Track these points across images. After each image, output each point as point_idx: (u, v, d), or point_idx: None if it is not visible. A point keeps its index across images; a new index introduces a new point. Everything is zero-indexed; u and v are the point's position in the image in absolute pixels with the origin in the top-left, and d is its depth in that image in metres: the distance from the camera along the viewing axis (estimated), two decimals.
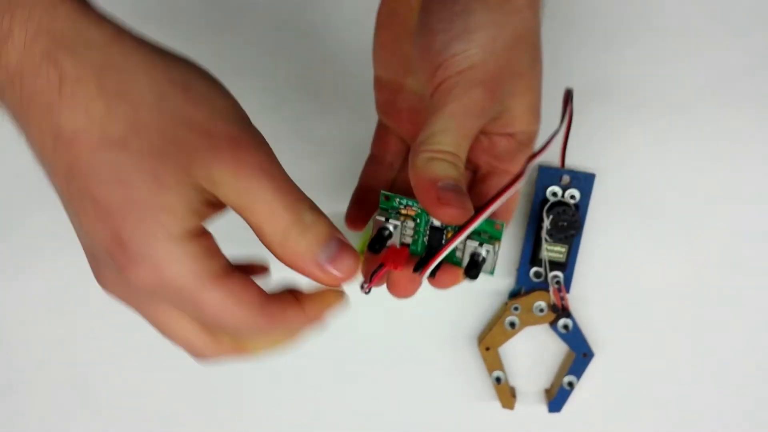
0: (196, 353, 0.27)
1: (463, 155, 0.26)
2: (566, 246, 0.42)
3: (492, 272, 0.28)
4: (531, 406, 0.45)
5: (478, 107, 0.26)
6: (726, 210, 0.43)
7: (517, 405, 0.44)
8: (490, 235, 0.27)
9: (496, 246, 0.27)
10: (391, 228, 0.28)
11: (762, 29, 0.42)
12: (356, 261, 0.25)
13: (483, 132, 0.29)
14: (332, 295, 0.27)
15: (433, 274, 0.27)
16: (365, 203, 0.33)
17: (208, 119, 0.23)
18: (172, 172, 0.22)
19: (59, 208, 0.43)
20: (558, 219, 0.41)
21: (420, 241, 0.28)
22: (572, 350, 0.44)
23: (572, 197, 0.41)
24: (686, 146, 0.43)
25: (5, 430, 0.47)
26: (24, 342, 0.46)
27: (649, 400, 0.45)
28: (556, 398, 0.44)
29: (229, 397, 0.46)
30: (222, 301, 0.24)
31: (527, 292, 0.43)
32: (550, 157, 0.42)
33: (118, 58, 0.23)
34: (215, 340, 0.26)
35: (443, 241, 0.28)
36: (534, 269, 0.42)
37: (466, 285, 0.43)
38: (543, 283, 0.42)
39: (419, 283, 0.29)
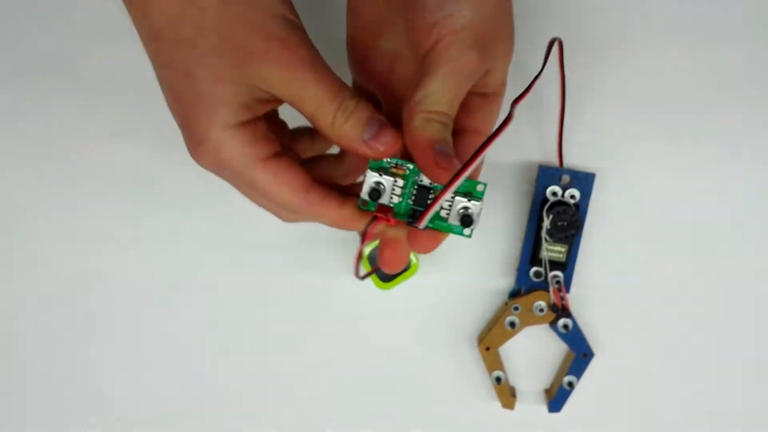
0: (279, 216, 0.31)
1: (454, 114, 0.28)
2: (566, 246, 0.42)
3: (470, 234, 0.29)
4: (531, 406, 0.45)
5: (471, 69, 0.28)
6: (726, 209, 0.43)
7: (517, 405, 0.44)
8: (473, 195, 0.29)
9: (480, 205, 0.29)
10: (384, 183, 0.29)
11: (762, 29, 0.42)
12: (397, 136, 0.28)
13: None
14: (364, 217, 0.30)
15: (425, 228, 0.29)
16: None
17: (263, 23, 0.26)
18: (229, 70, 0.26)
19: (59, 208, 0.44)
20: (558, 219, 0.41)
21: (404, 203, 0.30)
22: (572, 350, 0.44)
23: (572, 197, 0.41)
24: (687, 146, 0.43)
25: (6, 429, 0.47)
26: (24, 342, 0.46)
27: (649, 400, 0.45)
28: (556, 398, 0.44)
29: (229, 397, 0.46)
30: (268, 181, 0.27)
31: (527, 292, 0.43)
32: (549, 156, 0.42)
33: None
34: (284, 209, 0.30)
35: (428, 198, 0.29)
36: (534, 269, 0.42)
37: (465, 286, 0.44)
38: (543, 283, 0.42)
39: (430, 240, 0.31)
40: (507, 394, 0.44)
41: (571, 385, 0.44)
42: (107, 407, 0.46)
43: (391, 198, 0.29)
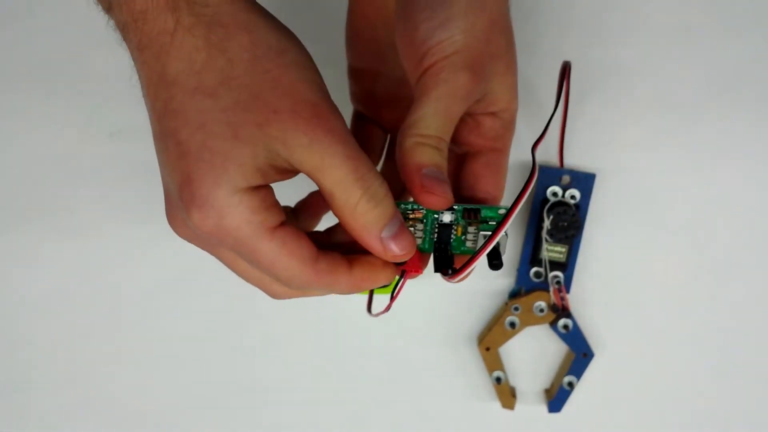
0: (269, 293, 0.29)
1: (448, 138, 0.28)
2: (566, 246, 0.42)
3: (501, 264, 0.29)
4: (531, 406, 0.45)
5: (464, 91, 0.27)
6: (726, 209, 0.43)
7: (517, 405, 0.44)
8: (496, 220, 0.28)
9: (506, 231, 0.28)
10: None
11: (761, 29, 0.42)
12: (413, 244, 0.27)
13: (468, 113, 0.30)
14: (383, 270, 0.28)
15: (454, 271, 0.28)
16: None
17: (294, 85, 0.25)
18: (251, 129, 0.24)
19: (60, 208, 0.44)
20: (558, 219, 0.41)
21: (427, 239, 0.29)
22: (572, 350, 0.44)
23: (572, 197, 0.41)
24: (686, 145, 0.43)
25: (6, 429, 0.47)
26: (24, 341, 0.46)
27: (649, 400, 0.45)
28: (556, 398, 0.44)
29: (229, 397, 0.46)
30: (275, 253, 0.25)
31: (527, 293, 0.43)
32: (550, 156, 0.42)
33: (227, 17, 0.25)
34: (282, 284, 0.28)
35: (452, 237, 0.29)
36: (534, 269, 0.42)
37: (465, 285, 0.44)
38: (543, 283, 0.42)
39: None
40: (507, 395, 0.44)
41: (571, 385, 0.44)
42: (108, 407, 0.46)
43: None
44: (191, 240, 0.28)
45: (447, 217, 0.28)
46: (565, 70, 0.32)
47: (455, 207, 0.28)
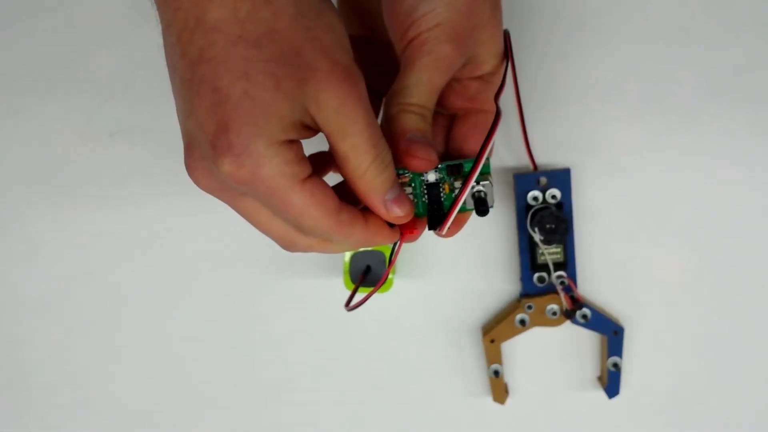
0: (286, 244, 0.30)
1: (431, 105, 0.29)
2: (561, 245, 0.41)
3: (492, 205, 0.30)
4: (524, 402, 0.45)
5: (446, 62, 0.29)
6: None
7: (510, 400, 0.45)
8: (480, 172, 0.29)
9: (490, 179, 0.30)
10: None
11: (760, 30, 0.41)
12: (412, 208, 0.29)
13: (454, 78, 0.31)
14: (391, 229, 0.30)
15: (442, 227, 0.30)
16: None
17: (332, 46, 0.25)
18: (291, 83, 0.24)
19: (60, 208, 0.45)
20: (545, 223, 0.40)
21: (420, 203, 0.31)
22: (602, 333, 0.44)
23: (553, 197, 0.41)
24: (685, 145, 0.42)
25: (6, 429, 0.47)
26: (24, 341, 0.46)
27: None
28: (609, 383, 0.44)
29: (229, 396, 0.46)
30: (305, 202, 0.26)
31: (540, 294, 0.43)
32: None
33: None
34: (303, 234, 0.29)
35: (440, 193, 0.30)
36: (537, 275, 0.42)
37: (471, 284, 0.44)
38: (549, 286, 0.42)
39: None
40: (501, 389, 0.44)
41: (616, 366, 0.44)
42: (108, 406, 0.46)
43: None
44: (213, 190, 0.28)
45: (432, 177, 0.30)
46: (506, 40, 0.32)
47: (439, 166, 0.30)
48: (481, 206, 0.29)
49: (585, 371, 0.45)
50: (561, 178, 0.41)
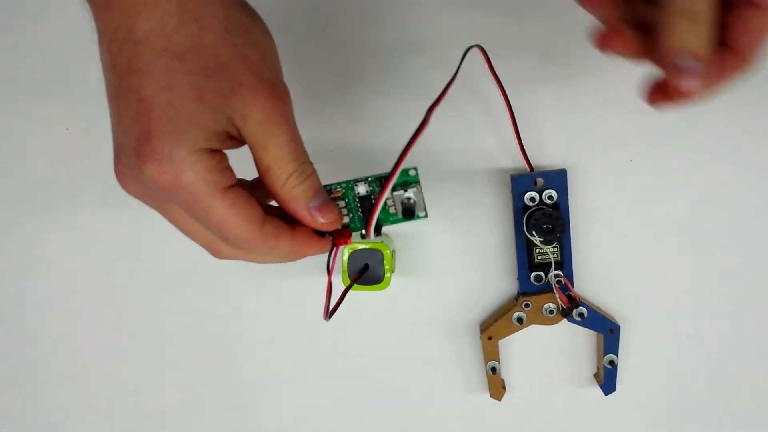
0: (212, 251, 0.31)
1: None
2: (558, 245, 0.42)
3: (425, 214, 0.32)
4: (521, 397, 0.46)
5: None
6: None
7: (506, 396, 0.45)
8: (409, 182, 0.31)
9: (418, 188, 0.31)
10: None
11: None
12: (339, 215, 0.30)
13: None
14: (319, 239, 0.31)
15: (378, 231, 0.32)
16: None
17: (257, 61, 0.27)
18: (214, 96, 0.26)
19: (60, 209, 0.46)
20: (540, 224, 0.41)
21: (355, 217, 0.32)
22: (598, 331, 0.44)
23: (550, 197, 0.41)
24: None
25: (8, 427, 0.47)
26: (26, 340, 0.46)
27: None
28: (606, 380, 0.44)
29: (229, 395, 0.46)
30: (225, 211, 0.27)
31: (537, 293, 0.44)
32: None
33: None
34: (227, 244, 0.29)
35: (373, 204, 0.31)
36: (534, 274, 0.43)
37: (473, 281, 0.45)
38: (547, 286, 0.43)
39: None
40: (498, 385, 0.45)
41: (612, 363, 0.44)
42: (108, 406, 0.47)
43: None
44: (140, 196, 0.29)
45: (363, 189, 0.31)
46: (466, 54, 0.32)
47: (369, 178, 0.32)
48: (407, 213, 0.31)
49: (581, 369, 0.46)
50: (557, 178, 0.41)
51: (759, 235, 0.44)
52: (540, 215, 0.41)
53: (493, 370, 0.44)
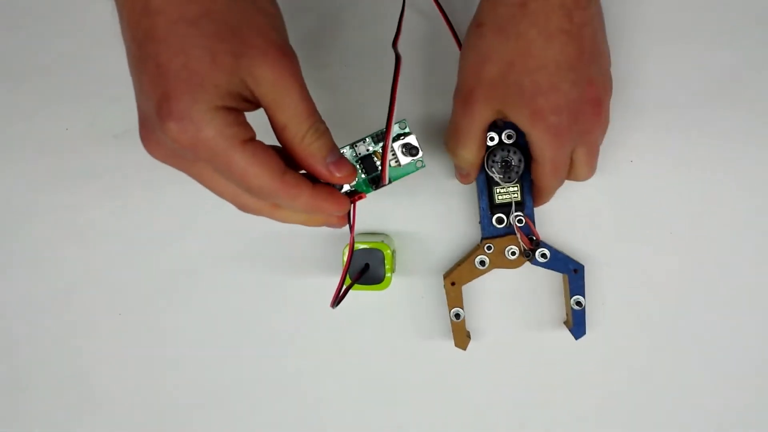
0: (239, 205, 0.32)
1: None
2: (518, 185, 0.42)
3: (423, 164, 0.35)
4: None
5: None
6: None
7: (471, 344, 0.45)
8: (401, 134, 0.34)
9: (412, 135, 0.34)
10: None
11: (759, 30, 0.42)
12: (354, 170, 0.31)
13: None
14: (340, 195, 0.32)
15: (389, 181, 0.34)
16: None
17: (266, 26, 0.28)
18: (227, 57, 0.27)
19: (60, 209, 0.46)
20: (501, 161, 0.41)
21: (360, 179, 0.34)
22: (562, 272, 0.44)
23: (509, 137, 0.41)
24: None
25: (9, 428, 0.47)
26: (25, 342, 0.47)
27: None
28: (575, 324, 0.44)
29: (229, 394, 0.47)
30: (247, 162, 0.28)
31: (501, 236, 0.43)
32: None
33: None
34: (252, 196, 0.31)
35: (375, 162, 0.34)
36: (496, 215, 0.43)
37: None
38: (509, 229, 0.43)
39: None
40: (462, 334, 0.44)
41: (579, 304, 0.44)
42: (109, 406, 0.47)
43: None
44: (166, 159, 0.30)
45: (362, 149, 0.33)
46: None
47: (365, 138, 0.33)
48: (413, 153, 0.34)
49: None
50: None
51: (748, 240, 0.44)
52: (500, 152, 0.40)
53: (457, 316, 0.44)
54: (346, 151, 0.33)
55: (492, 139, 0.41)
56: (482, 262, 0.43)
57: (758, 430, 0.45)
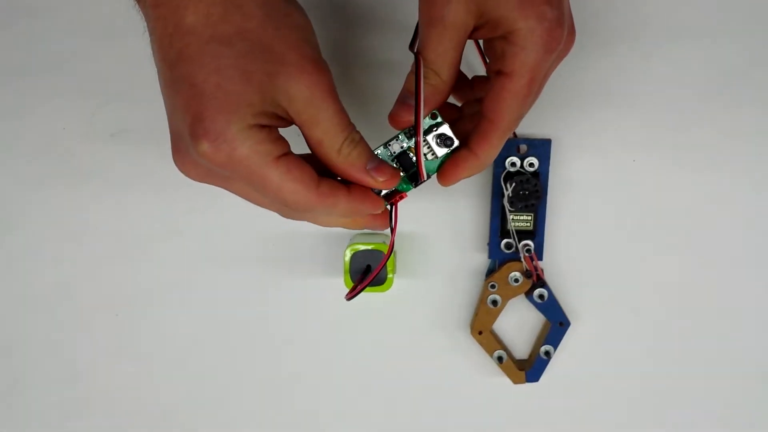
0: (282, 214, 0.32)
1: (445, 69, 0.31)
2: (531, 214, 0.42)
3: (457, 142, 0.33)
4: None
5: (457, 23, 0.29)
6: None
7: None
8: (433, 125, 0.33)
9: (445, 124, 0.33)
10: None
11: (759, 30, 0.43)
12: (396, 171, 0.31)
13: (485, 40, 0.32)
14: (376, 196, 0.32)
15: (428, 176, 0.33)
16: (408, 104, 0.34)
17: (299, 43, 0.28)
18: (261, 76, 0.27)
19: (60, 208, 0.44)
20: (519, 188, 0.41)
21: (400, 180, 0.33)
22: (549, 320, 0.44)
23: (531, 165, 0.41)
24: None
25: (5, 428, 0.46)
26: (25, 341, 0.46)
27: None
28: (534, 368, 0.44)
29: (229, 394, 0.46)
30: (281, 179, 0.28)
31: (500, 266, 0.43)
32: None
33: None
34: (290, 209, 0.30)
35: (412, 157, 0.33)
36: (505, 241, 0.42)
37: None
38: (515, 254, 0.42)
39: None
40: (514, 370, 0.44)
41: (548, 354, 0.44)
42: (109, 405, 0.46)
43: None
44: (202, 178, 0.30)
45: (396, 147, 0.33)
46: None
47: (398, 135, 0.33)
48: (447, 141, 0.32)
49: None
50: (541, 147, 0.42)
51: (748, 240, 0.45)
52: (521, 179, 0.41)
53: (500, 359, 0.44)
54: (380, 152, 0.33)
55: (513, 165, 0.41)
56: (494, 302, 0.43)
57: (758, 430, 0.45)
